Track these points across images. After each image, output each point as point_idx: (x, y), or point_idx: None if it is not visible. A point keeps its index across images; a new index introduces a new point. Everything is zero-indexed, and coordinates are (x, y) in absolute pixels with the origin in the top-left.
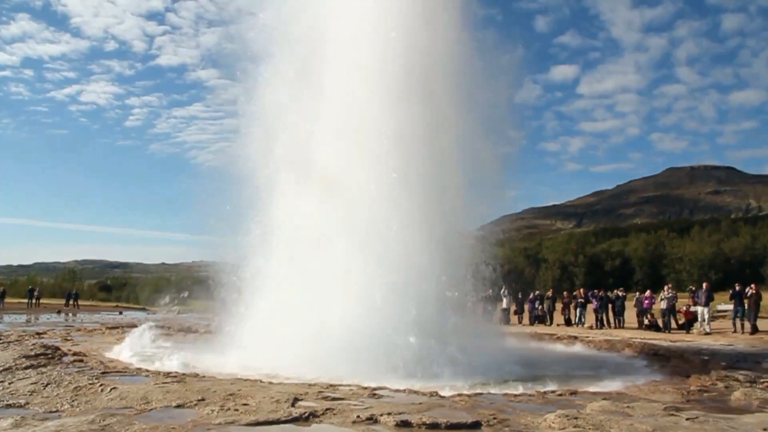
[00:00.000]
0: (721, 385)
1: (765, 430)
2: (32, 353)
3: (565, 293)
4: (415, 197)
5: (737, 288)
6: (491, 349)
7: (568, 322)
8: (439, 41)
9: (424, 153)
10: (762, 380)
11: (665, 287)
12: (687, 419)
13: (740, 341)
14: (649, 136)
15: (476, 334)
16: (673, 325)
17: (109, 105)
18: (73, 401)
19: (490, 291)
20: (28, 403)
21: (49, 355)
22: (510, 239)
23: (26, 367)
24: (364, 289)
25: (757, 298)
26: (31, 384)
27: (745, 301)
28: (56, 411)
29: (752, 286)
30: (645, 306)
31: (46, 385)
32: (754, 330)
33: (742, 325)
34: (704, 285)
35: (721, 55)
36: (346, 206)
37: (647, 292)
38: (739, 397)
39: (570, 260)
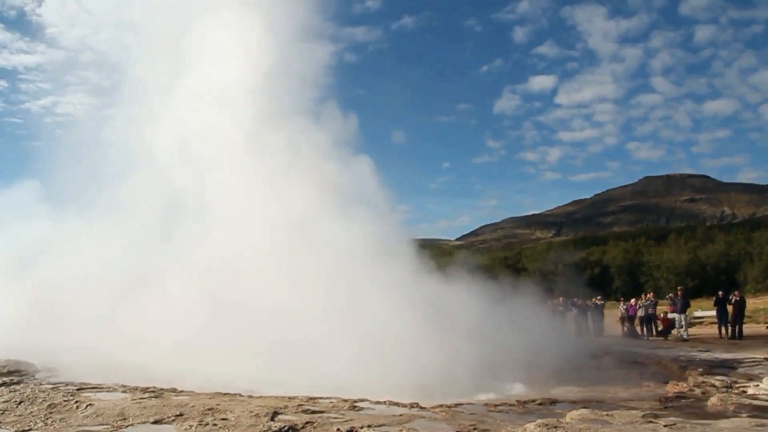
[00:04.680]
0: (698, 391)
1: None
2: (4, 370)
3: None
4: None
5: (720, 295)
6: None
7: None
8: None
9: None
10: (738, 385)
11: (643, 295)
12: (665, 426)
13: (717, 347)
14: (626, 145)
15: None
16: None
17: (86, 116)
18: (47, 419)
19: None
20: None
21: (23, 372)
22: (490, 248)
23: None
24: None
25: (742, 303)
26: (3, 402)
27: (729, 307)
28: (29, 430)
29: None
30: (630, 314)
31: (19, 403)
32: (740, 336)
33: (727, 331)
34: (679, 291)
35: (695, 65)
36: None
37: (632, 300)
38: (716, 403)
39: (549, 269)
